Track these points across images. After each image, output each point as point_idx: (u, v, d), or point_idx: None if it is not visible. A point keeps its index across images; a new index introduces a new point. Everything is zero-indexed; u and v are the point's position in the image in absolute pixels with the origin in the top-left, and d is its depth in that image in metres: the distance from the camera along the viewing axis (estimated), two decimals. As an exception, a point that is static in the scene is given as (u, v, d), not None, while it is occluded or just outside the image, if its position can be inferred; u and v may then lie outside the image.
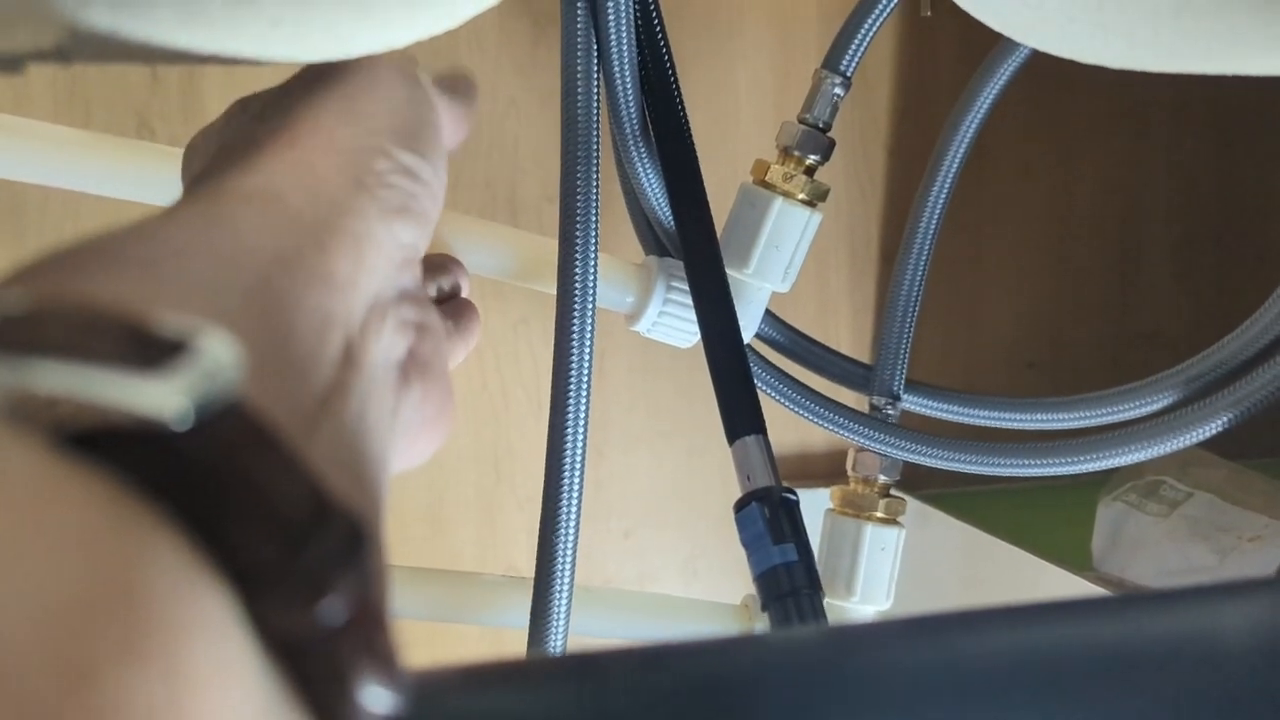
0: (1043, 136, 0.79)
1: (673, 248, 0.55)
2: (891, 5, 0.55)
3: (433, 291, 0.34)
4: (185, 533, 0.14)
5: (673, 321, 0.54)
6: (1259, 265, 0.82)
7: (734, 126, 0.73)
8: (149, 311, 0.16)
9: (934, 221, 0.60)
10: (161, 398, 0.14)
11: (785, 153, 0.55)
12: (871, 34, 0.55)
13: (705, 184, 0.51)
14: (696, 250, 0.50)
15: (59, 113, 0.62)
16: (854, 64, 0.55)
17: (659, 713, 0.20)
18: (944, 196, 0.60)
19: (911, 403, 0.60)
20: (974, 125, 0.59)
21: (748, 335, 0.56)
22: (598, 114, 0.51)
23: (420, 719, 0.17)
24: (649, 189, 0.53)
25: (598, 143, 0.51)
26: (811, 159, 0.55)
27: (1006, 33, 0.35)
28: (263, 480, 0.15)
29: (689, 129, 0.52)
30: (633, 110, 0.52)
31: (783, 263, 0.55)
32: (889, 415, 0.60)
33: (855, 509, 0.59)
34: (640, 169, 0.53)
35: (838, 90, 0.55)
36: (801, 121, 0.56)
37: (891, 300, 0.61)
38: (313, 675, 0.15)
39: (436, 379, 0.25)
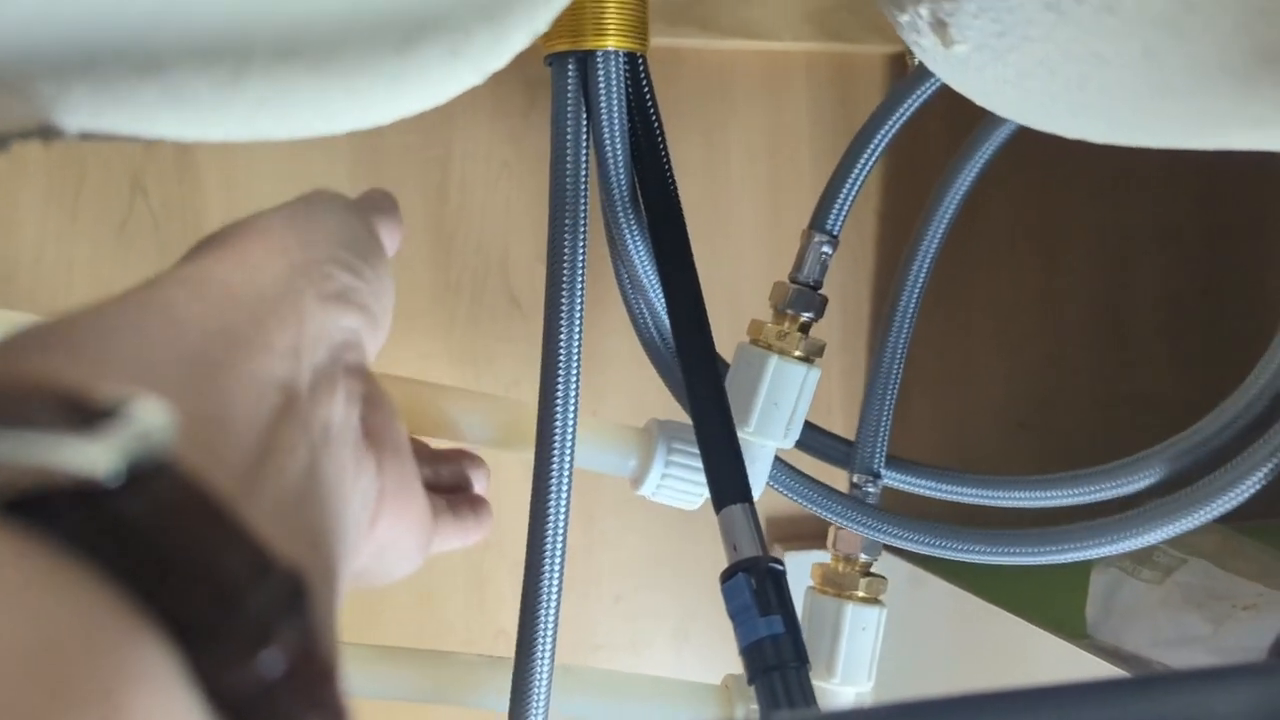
0: (1030, 200, 0.79)
1: (660, 314, 0.55)
2: (871, 163, 0.56)
3: (428, 473, 0.35)
4: (122, 589, 0.14)
5: (676, 484, 0.54)
6: (1247, 327, 0.83)
7: (725, 191, 0.74)
8: (84, 383, 0.16)
9: (915, 295, 0.60)
10: (94, 457, 0.15)
11: (779, 311, 0.56)
12: (854, 192, 0.56)
13: (695, 251, 0.52)
14: (682, 320, 0.50)
15: (52, 174, 0.63)
16: (840, 223, 0.56)
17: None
18: (926, 269, 0.60)
19: (892, 479, 0.60)
20: (960, 193, 0.59)
21: (757, 492, 0.54)
22: (586, 180, 0.52)
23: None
24: (636, 257, 0.53)
25: (585, 208, 0.52)
26: (805, 316, 0.56)
27: (992, 109, 0.35)
28: (196, 536, 0.15)
29: (678, 197, 0.52)
30: (622, 178, 0.52)
31: (783, 419, 0.55)
32: (869, 494, 0.59)
33: (836, 588, 0.59)
34: (628, 235, 0.53)
35: (826, 249, 0.56)
36: (793, 281, 0.56)
37: (871, 378, 0.61)
38: None
39: (395, 452, 0.25)
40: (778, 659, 0.42)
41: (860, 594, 0.58)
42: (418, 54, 0.21)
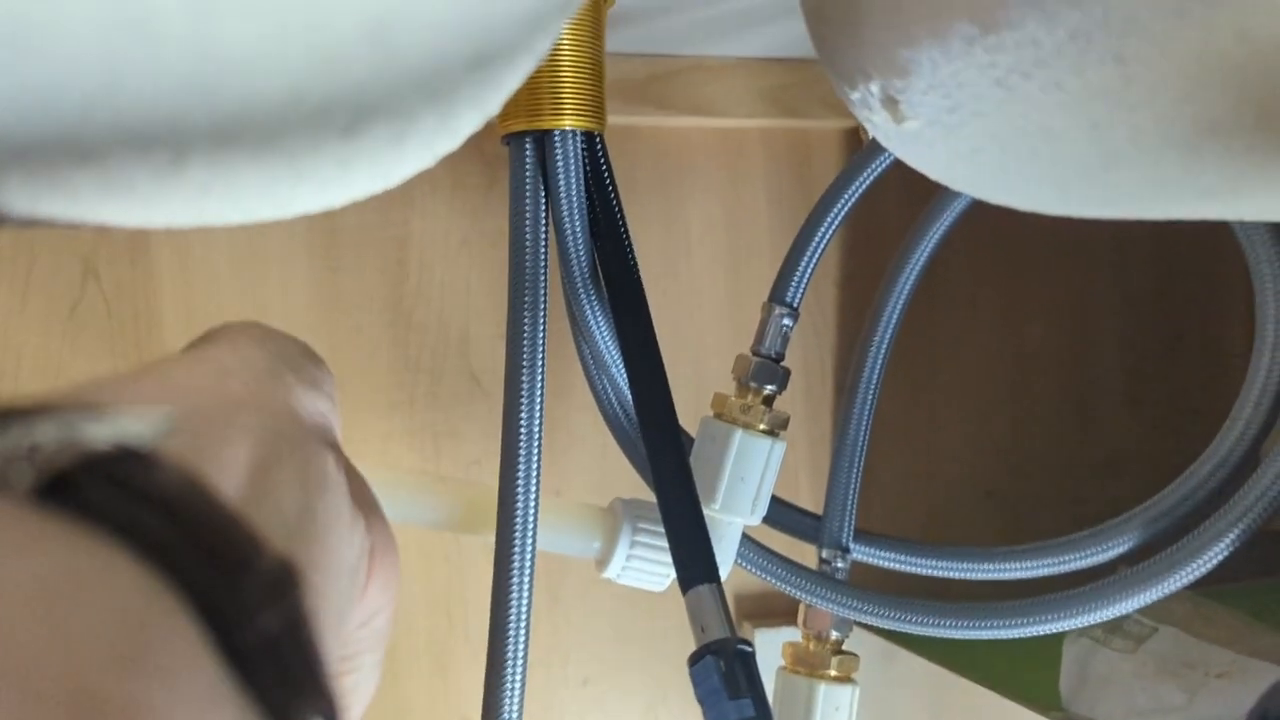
0: (989, 271, 0.80)
1: (623, 390, 0.55)
2: (829, 234, 0.57)
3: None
4: (148, 559, 0.16)
5: (642, 565, 0.53)
6: (1210, 389, 0.83)
7: (685, 265, 0.74)
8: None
9: (878, 367, 0.60)
10: (125, 426, 0.17)
11: (742, 385, 0.56)
12: (814, 264, 0.57)
13: (656, 326, 0.51)
14: (645, 397, 0.50)
15: (2, 258, 0.62)
16: (799, 295, 0.57)
17: None
18: (887, 340, 0.60)
19: (862, 553, 0.59)
20: (919, 264, 0.60)
21: (725, 571, 0.53)
22: (545, 258, 0.52)
23: None
24: (597, 332, 0.53)
25: (545, 286, 0.51)
26: (769, 389, 0.55)
27: (945, 183, 0.35)
28: (209, 511, 0.17)
29: (638, 273, 0.52)
30: (582, 255, 0.52)
31: (749, 495, 0.54)
32: (838, 569, 0.59)
33: (807, 667, 0.58)
34: (589, 312, 0.53)
35: (786, 321, 0.56)
36: (755, 354, 0.56)
37: (837, 451, 0.60)
38: (264, 689, 0.16)
39: (380, 516, 0.25)
40: (749, 744, 0.41)
41: (832, 673, 0.57)
42: (362, 139, 0.21)
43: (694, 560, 0.46)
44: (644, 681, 0.73)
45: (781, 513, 0.59)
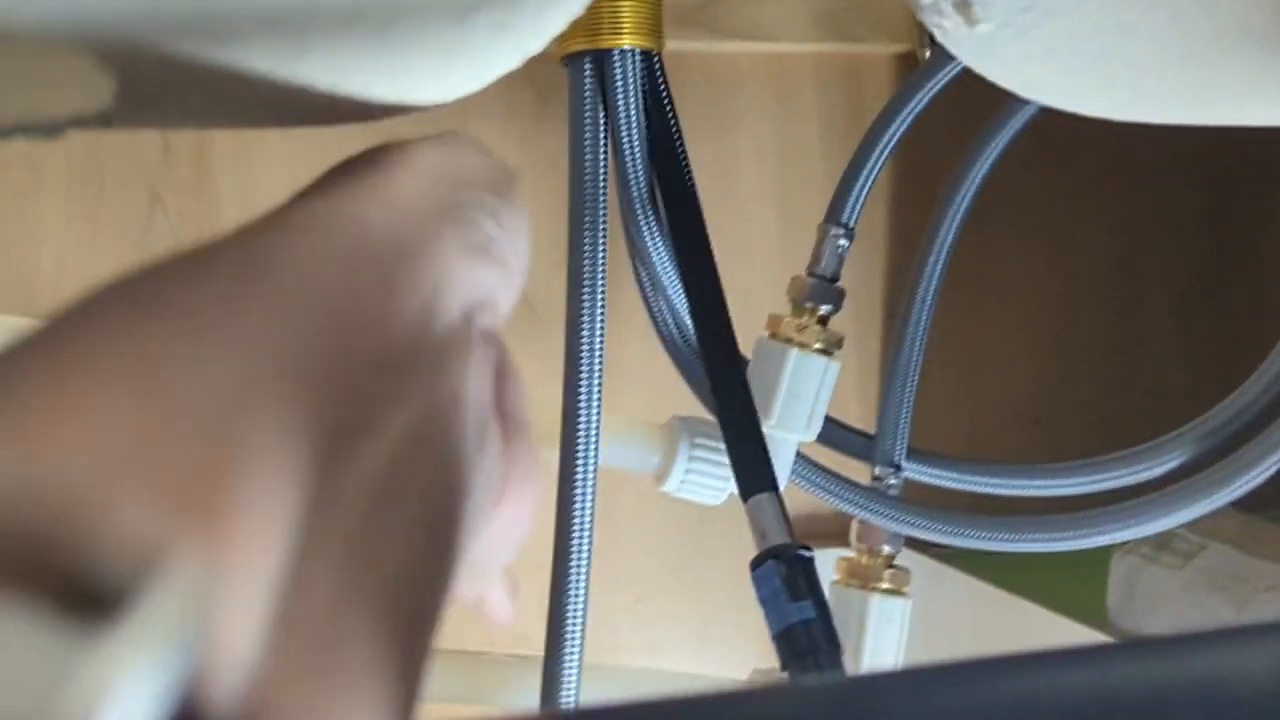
0: (1040, 199, 0.80)
1: (680, 312, 0.56)
2: (886, 154, 0.57)
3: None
4: None
5: (700, 479, 0.54)
6: (1256, 319, 0.83)
7: (735, 192, 0.74)
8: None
9: (932, 287, 0.61)
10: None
11: (797, 305, 0.56)
12: (869, 184, 0.57)
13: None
14: (704, 313, 0.51)
15: (73, 185, 0.63)
16: (855, 215, 0.57)
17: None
18: (942, 261, 0.60)
19: (914, 471, 0.60)
20: (973, 186, 0.60)
21: (780, 486, 0.54)
22: (604, 178, 0.52)
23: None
24: (655, 255, 0.54)
25: (605, 207, 0.52)
26: (824, 309, 0.56)
27: (1013, 89, 0.36)
28: None
29: (697, 194, 0.53)
30: (641, 176, 0.53)
31: (804, 412, 0.55)
32: (891, 486, 0.60)
33: (860, 580, 0.59)
34: (647, 234, 0.54)
35: (842, 242, 0.57)
36: (810, 274, 0.57)
37: (891, 369, 0.61)
38: None
39: (522, 432, 0.23)
40: (810, 644, 0.42)
41: (885, 586, 0.58)
42: (473, 24, 0.22)
43: (754, 469, 0.47)
44: (695, 600, 0.75)
45: (834, 431, 0.60)
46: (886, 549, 0.59)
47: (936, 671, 0.25)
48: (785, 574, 0.44)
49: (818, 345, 0.55)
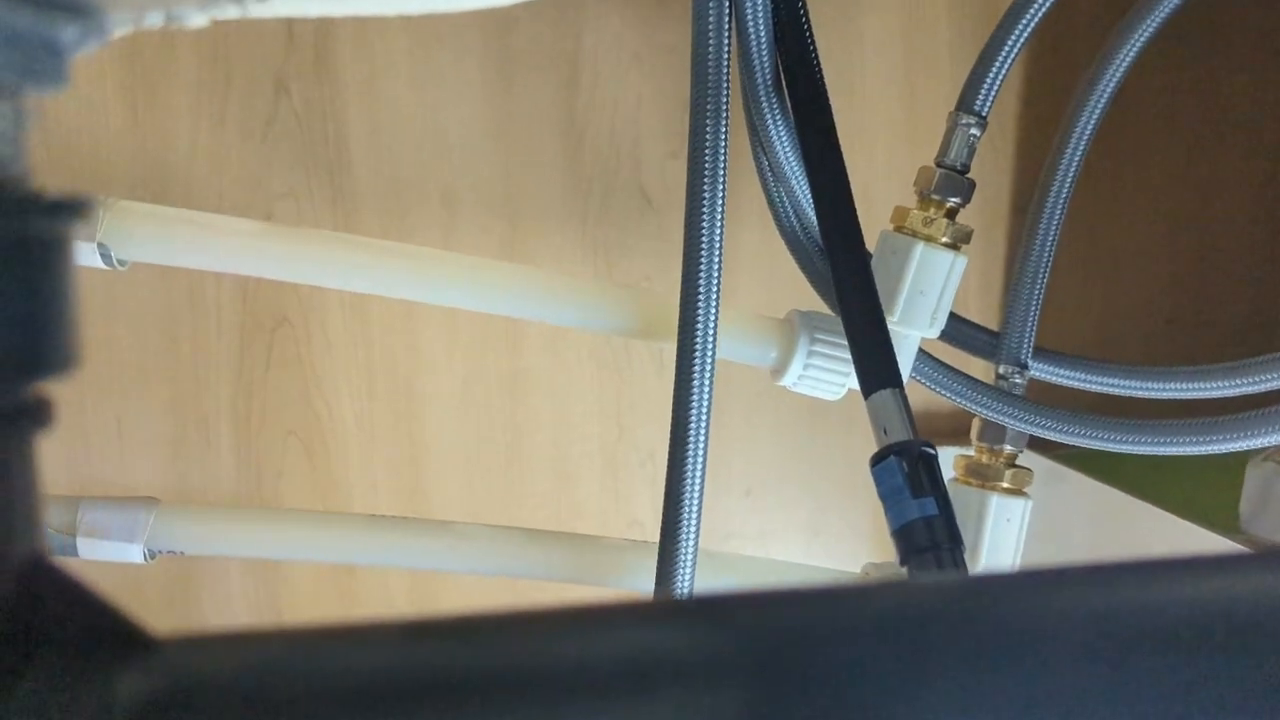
0: (1186, 86, 0.75)
1: (801, 203, 0.54)
2: (1021, 41, 0.53)
3: None
4: None
5: (818, 374, 0.53)
6: None
7: (858, 81, 0.72)
8: None
9: (1068, 183, 0.58)
10: None
11: (924, 197, 0.54)
12: (1005, 70, 0.53)
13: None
14: (827, 203, 0.50)
15: (202, 79, 0.64)
16: (989, 103, 0.54)
17: (785, 655, 0.20)
18: (1079, 156, 0.57)
19: (1040, 371, 0.58)
20: (1118, 75, 0.56)
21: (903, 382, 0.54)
22: (727, 65, 0.51)
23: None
24: (778, 142, 0.52)
25: (727, 95, 0.51)
26: (952, 201, 0.54)
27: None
28: None
29: (823, 78, 0.51)
30: (765, 61, 0.51)
31: (929, 308, 0.54)
32: (1015, 385, 0.58)
33: (980, 479, 0.58)
34: (770, 121, 0.52)
35: (974, 131, 0.54)
36: (939, 165, 0.54)
37: (1020, 267, 0.59)
38: None
39: None
40: (931, 540, 0.42)
41: (1005, 485, 0.57)
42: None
43: (877, 365, 0.46)
44: (805, 496, 0.75)
45: (958, 328, 0.59)
46: (1008, 448, 0.58)
47: (1060, 574, 0.24)
48: (908, 470, 0.43)
49: (945, 239, 0.54)
